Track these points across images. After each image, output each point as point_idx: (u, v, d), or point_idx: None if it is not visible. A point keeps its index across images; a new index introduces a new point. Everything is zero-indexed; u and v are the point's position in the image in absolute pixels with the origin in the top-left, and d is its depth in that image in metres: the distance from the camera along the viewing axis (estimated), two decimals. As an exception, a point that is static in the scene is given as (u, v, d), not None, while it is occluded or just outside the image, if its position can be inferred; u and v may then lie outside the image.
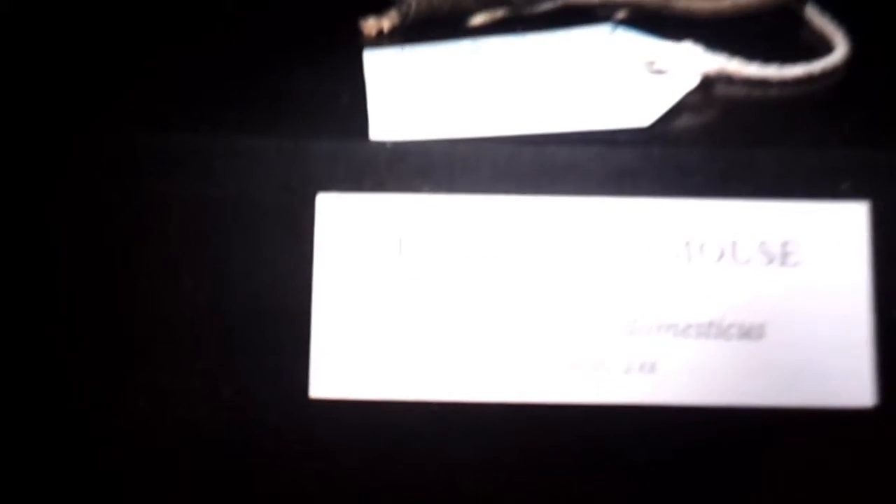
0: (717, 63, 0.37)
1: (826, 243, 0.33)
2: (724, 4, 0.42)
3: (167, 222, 0.34)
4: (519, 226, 0.33)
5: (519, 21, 0.42)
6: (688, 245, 0.33)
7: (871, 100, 0.37)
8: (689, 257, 0.33)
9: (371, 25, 0.42)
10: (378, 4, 0.42)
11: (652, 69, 0.37)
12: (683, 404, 0.33)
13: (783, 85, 0.38)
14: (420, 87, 0.37)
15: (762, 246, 0.33)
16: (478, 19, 0.42)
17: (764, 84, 0.38)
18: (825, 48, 0.40)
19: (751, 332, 0.33)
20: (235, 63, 0.39)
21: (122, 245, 0.34)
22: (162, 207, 0.34)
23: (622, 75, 0.37)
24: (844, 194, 0.33)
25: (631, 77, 0.37)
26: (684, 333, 0.33)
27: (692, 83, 0.37)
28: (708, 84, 0.37)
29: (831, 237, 0.33)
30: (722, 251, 0.33)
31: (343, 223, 0.33)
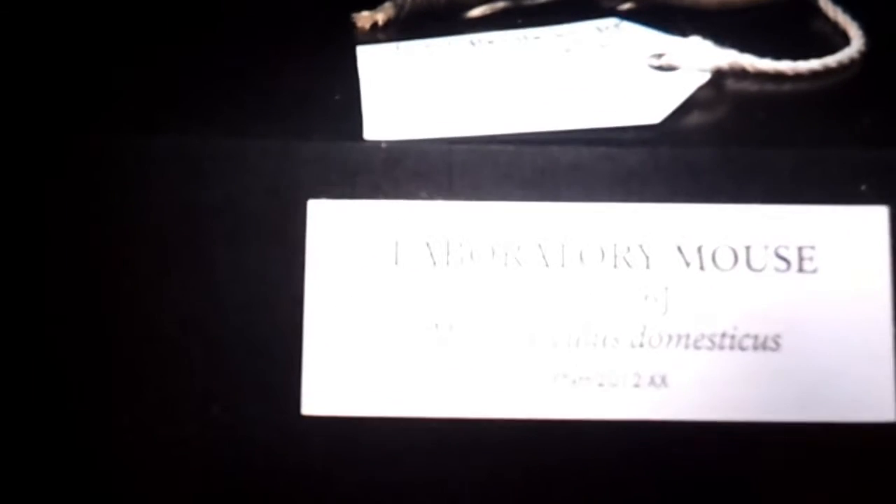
0: (729, 57, 0.35)
1: (845, 249, 0.31)
2: (735, -6, 0.40)
3: (151, 228, 0.32)
4: (521, 233, 0.32)
5: (519, 13, 0.40)
6: (699, 251, 0.32)
7: (890, 95, 0.36)
8: (701, 264, 0.32)
9: (365, 19, 0.41)
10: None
11: (660, 64, 0.36)
12: (696, 419, 0.31)
13: (797, 79, 0.36)
14: (416, 85, 0.35)
15: (778, 252, 0.32)
16: (476, 12, 0.41)
17: (777, 78, 0.36)
18: (840, 40, 0.39)
19: (766, 344, 0.31)
20: (222, 61, 0.38)
21: (105, 253, 0.32)
22: (145, 213, 0.32)
23: (629, 71, 0.36)
24: (863, 197, 0.32)
25: (638, 73, 0.35)
26: (696, 345, 0.31)
27: (703, 79, 0.35)
28: (719, 79, 0.35)
29: (850, 242, 0.32)
30: (735, 258, 0.32)
31: (336, 231, 0.32)
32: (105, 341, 0.32)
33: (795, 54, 0.36)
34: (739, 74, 0.36)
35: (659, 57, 0.36)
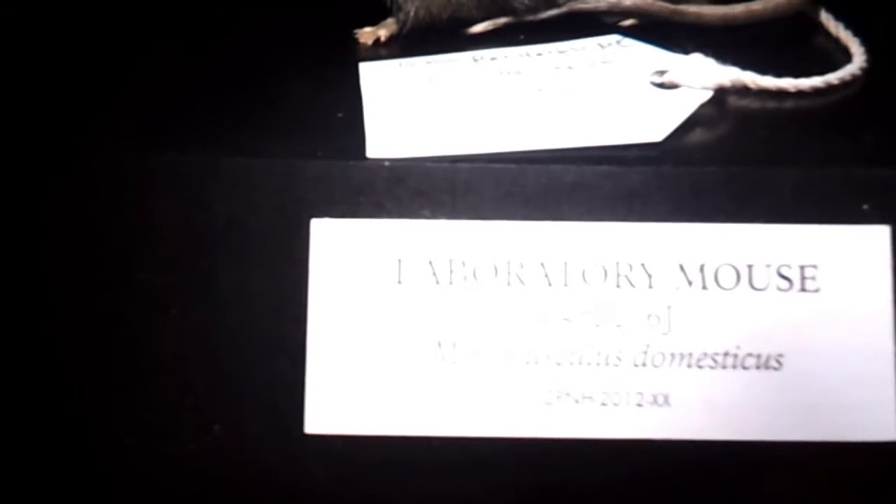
0: (731, 74, 0.35)
1: (847, 268, 0.31)
2: (737, 11, 0.40)
3: (153, 248, 0.32)
4: (524, 252, 0.32)
5: (521, 29, 0.40)
6: (702, 270, 0.32)
7: (892, 112, 0.35)
8: (704, 283, 0.32)
9: (367, 35, 0.40)
10: (375, 14, 0.40)
11: (662, 82, 0.36)
12: (698, 439, 0.31)
13: (800, 96, 0.36)
14: (419, 102, 0.35)
15: (780, 271, 0.32)
16: (479, 28, 0.40)
17: (780, 95, 0.36)
18: (842, 56, 0.39)
19: (769, 363, 0.31)
20: (224, 79, 0.38)
21: (108, 271, 0.32)
22: (148, 232, 0.32)
23: (631, 88, 0.36)
24: (865, 216, 0.32)
25: (640, 90, 0.35)
26: (699, 364, 0.31)
27: (704, 96, 0.35)
28: (721, 96, 0.35)
29: (852, 262, 0.32)
30: (738, 277, 0.32)
31: (339, 250, 0.32)
32: (108, 360, 0.32)
33: (797, 71, 0.36)
34: (741, 91, 0.36)
35: (661, 74, 0.36)
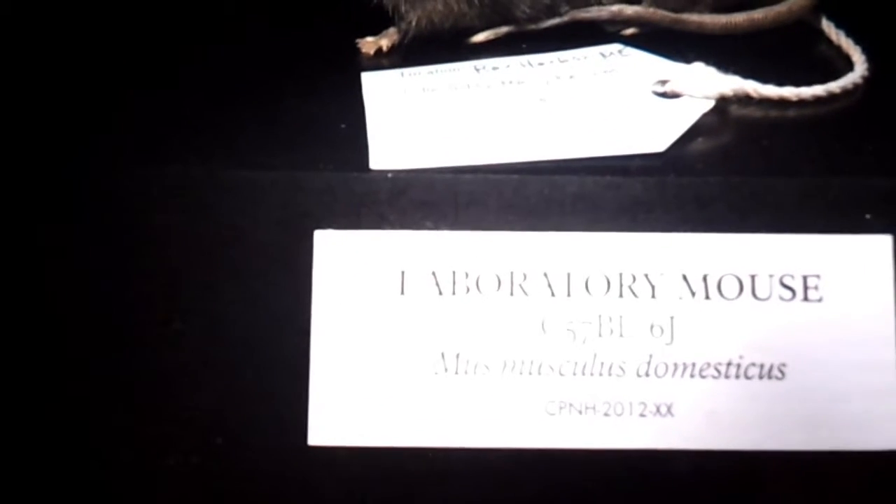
0: (733, 83, 0.35)
1: (849, 278, 0.32)
2: (738, 20, 0.40)
3: (156, 260, 0.32)
4: (527, 262, 0.32)
5: (523, 38, 0.40)
6: (705, 281, 0.32)
7: (894, 122, 0.35)
8: (707, 294, 0.32)
9: (369, 45, 0.40)
10: (377, 24, 0.40)
11: (664, 91, 0.36)
12: (702, 448, 0.31)
13: (801, 105, 0.36)
14: (421, 114, 0.35)
15: (783, 281, 0.32)
16: (480, 37, 0.40)
17: (781, 104, 0.36)
18: (844, 64, 0.39)
19: (772, 372, 0.31)
20: (226, 91, 0.38)
21: (112, 285, 0.32)
22: (151, 244, 0.32)
23: (633, 99, 0.36)
24: (868, 226, 0.32)
25: (642, 100, 0.35)
26: (702, 374, 0.31)
27: (707, 105, 0.35)
28: (723, 105, 0.35)
29: (854, 271, 0.32)
30: (741, 287, 0.32)
31: (342, 261, 0.32)
32: (111, 372, 0.32)
33: (799, 79, 0.36)
34: (743, 100, 0.36)
35: (663, 83, 0.36)
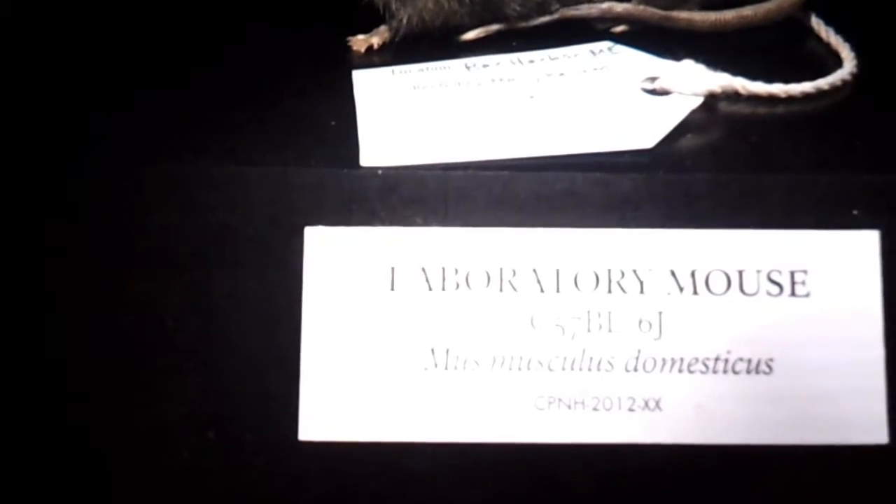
0: (721, 80, 0.36)
1: (836, 273, 0.32)
2: (728, 17, 0.40)
3: (147, 256, 0.32)
4: (516, 258, 0.32)
5: (514, 36, 0.40)
6: (693, 276, 0.32)
7: (881, 119, 0.36)
8: (695, 289, 0.32)
9: (360, 42, 0.41)
10: (368, 22, 0.40)
11: (654, 88, 0.36)
12: (690, 443, 0.31)
13: (790, 101, 0.37)
14: (411, 111, 0.35)
15: (770, 276, 0.32)
16: (471, 34, 0.41)
17: (770, 101, 0.36)
18: (833, 60, 0.39)
19: (759, 367, 0.31)
20: (217, 88, 0.38)
21: (101, 280, 0.32)
22: (141, 241, 0.32)
23: (622, 96, 0.36)
24: (855, 222, 0.32)
25: (632, 97, 0.36)
26: (690, 369, 0.32)
27: (695, 102, 0.35)
28: (711, 102, 0.36)
29: (842, 267, 0.32)
30: (728, 282, 0.32)
31: (332, 257, 0.32)
32: (102, 368, 0.32)
33: (788, 76, 0.37)
34: (732, 97, 0.36)
35: (652, 80, 0.36)
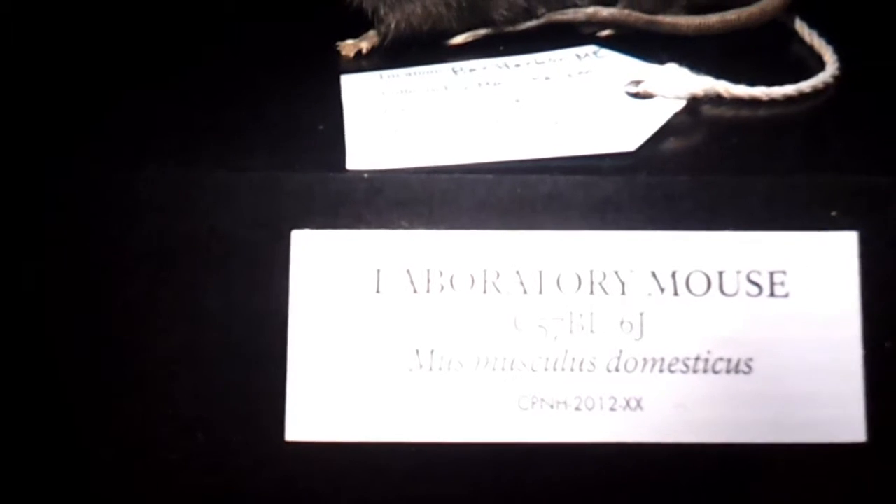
0: (704, 84, 0.36)
1: (815, 274, 0.32)
2: (712, 21, 0.41)
3: (136, 260, 0.33)
4: (500, 261, 0.32)
5: (501, 40, 0.41)
6: (673, 277, 0.32)
7: (862, 122, 0.36)
8: (675, 290, 0.32)
9: (349, 47, 0.41)
10: (357, 27, 0.41)
11: (637, 91, 0.36)
12: (671, 442, 0.32)
13: (772, 104, 0.37)
14: (398, 115, 0.36)
15: (750, 277, 0.32)
16: (459, 39, 0.41)
17: (752, 104, 0.37)
18: (815, 63, 0.40)
19: (739, 367, 0.32)
20: (205, 93, 0.38)
21: (91, 285, 0.33)
22: (131, 244, 0.33)
23: (606, 99, 0.36)
24: (834, 223, 0.32)
25: (615, 100, 0.36)
26: (671, 369, 0.32)
27: (678, 106, 0.36)
28: (694, 105, 0.36)
29: (821, 267, 0.32)
30: (708, 283, 0.32)
31: (319, 260, 0.32)
32: (91, 370, 0.33)
33: (771, 79, 0.37)
34: (715, 100, 0.36)
35: (636, 84, 0.36)
